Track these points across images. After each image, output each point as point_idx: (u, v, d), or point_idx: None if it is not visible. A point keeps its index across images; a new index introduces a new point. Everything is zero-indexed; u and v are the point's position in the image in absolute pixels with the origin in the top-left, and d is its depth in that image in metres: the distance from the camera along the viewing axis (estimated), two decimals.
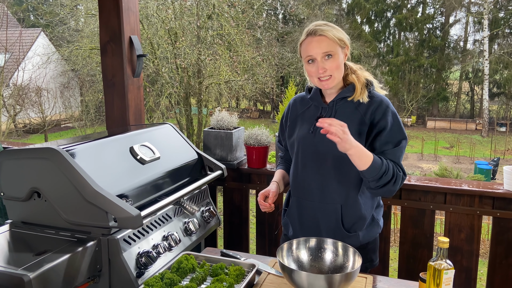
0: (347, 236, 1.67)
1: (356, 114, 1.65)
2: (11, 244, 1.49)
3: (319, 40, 1.60)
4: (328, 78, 1.62)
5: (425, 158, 16.07)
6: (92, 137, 1.77)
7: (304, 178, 1.73)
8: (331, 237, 1.62)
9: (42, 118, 14.71)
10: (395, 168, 1.59)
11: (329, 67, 1.60)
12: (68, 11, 12.19)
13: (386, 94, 1.72)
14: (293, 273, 1.34)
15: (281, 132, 1.94)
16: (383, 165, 1.55)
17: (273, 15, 18.57)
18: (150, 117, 11.61)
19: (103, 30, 2.34)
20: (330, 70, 1.61)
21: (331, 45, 1.59)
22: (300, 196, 1.75)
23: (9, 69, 15.46)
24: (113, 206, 1.39)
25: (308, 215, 1.73)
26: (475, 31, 24.45)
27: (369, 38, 23.84)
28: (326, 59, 1.60)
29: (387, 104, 1.66)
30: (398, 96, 23.88)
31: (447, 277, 1.27)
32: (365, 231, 1.71)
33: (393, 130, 1.63)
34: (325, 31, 1.60)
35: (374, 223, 1.74)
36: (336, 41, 1.60)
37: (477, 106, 24.84)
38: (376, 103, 1.65)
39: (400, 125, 1.66)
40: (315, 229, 1.72)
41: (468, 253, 2.18)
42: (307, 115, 1.76)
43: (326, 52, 1.59)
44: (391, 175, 1.56)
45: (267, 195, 1.73)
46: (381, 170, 1.54)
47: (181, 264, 1.47)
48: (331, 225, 1.68)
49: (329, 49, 1.59)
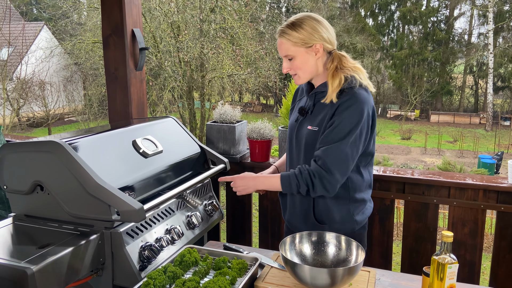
0: (318, 226, 1.72)
1: (332, 108, 1.61)
2: (14, 237, 1.50)
3: (279, 43, 1.67)
4: (294, 75, 1.69)
5: (429, 152, 16.03)
6: (94, 131, 1.77)
7: (290, 164, 1.82)
8: (304, 224, 1.73)
9: (45, 112, 14.74)
10: (311, 174, 1.58)
11: (292, 67, 1.67)
12: (71, 4, 12.17)
13: (374, 91, 1.71)
14: (296, 267, 1.33)
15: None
16: (292, 180, 1.61)
17: (276, 9, 18.46)
18: (153, 111, 11.61)
19: (106, 23, 2.33)
20: (293, 69, 1.67)
21: (289, 48, 1.64)
22: None
23: (12, 63, 15.47)
24: (116, 200, 1.39)
25: (291, 200, 1.81)
26: (480, 24, 24.25)
27: (373, 31, 23.70)
28: (289, 60, 1.67)
29: (353, 103, 1.58)
30: (402, 90, 23.80)
31: (451, 271, 1.26)
32: (337, 225, 1.70)
33: (337, 129, 1.58)
34: (283, 35, 1.64)
35: (348, 219, 1.71)
36: (297, 43, 1.62)
37: (481, 100, 24.70)
38: (343, 99, 1.59)
39: (349, 129, 1.56)
40: (294, 214, 1.79)
41: (472, 247, 2.17)
42: (299, 105, 1.83)
43: (285, 55, 1.66)
44: (306, 186, 1.59)
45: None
46: (293, 186, 1.61)
47: (184, 258, 1.47)
48: (306, 213, 1.74)
49: (287, 53, 1.65)
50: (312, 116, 1.69)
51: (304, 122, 1.72)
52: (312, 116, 1.70)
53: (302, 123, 1.73)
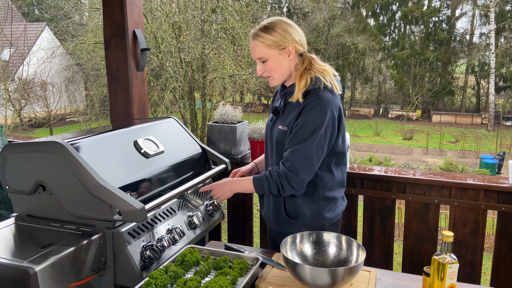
0: (289, 222, 1.77)
1: (297, 108, 1.68)
2: (17, 237, 1.50)
3: (253, 45, 1.70)
4: (268, 77, 1.73)
5: (430, 152, 16.00)
6: (96, 131, 1.78)
7: (265, 162, 1.90)
8: (278, 220, 1.79)
9: (47, 112, 14.77)
10: (280, 176, 1.65)
11: (266, 69, 1.71)
12: (73, 5, 12.19)
13: (339, 93, 1.72)
14: (297, 267, 1.34)
15: None
16: (263, 182, 1.69)
17: (277, 9, 18.46)
18: (154, 111, 11.62)
19: (107, 24, 2.33)
20: (267, 71, 1.71)
21: (263, 51, 1.68)
22: None
23: (14, 63, 15.51)
24: (118, 200, 1.39)
25: (266, 198, 1.87)
26: (482, 24, 24.24)
27: (374, 31, 23.68)
28: (262, 62, 1.70)
29: (317, 105, 1.62)
30: (404, 90, 23.78)
31: (451, 271, 1.26)
32: (307, 220, 1.77)
33: (301, 131, 1.64)
34: (257, 37, 1.68)
35: (318, 216, 1.77)
36: (271, 45, 1.67)
37: (483, 100, 24.67)
38: (309, 100, 1.64)
39: (311, 130, 1.61)
40: (268, 210, 1.86)
41: (473, 247, 2.17)
42: (275, 104, 1.89)
43: (259, 58, 1.70)
44: (276, 188, 1.67)
45: (237, 172, 1.96)
46: (264, 189, 1.70)
47: (185, 257, 1.48)
48: (279, 209, 1.79)
49: (261, 55, 1.68)
50: (284, 116, 1.76)
51: (276, 122, 1.79)
52: (283, 116, 1.76)
53: (275, 122, 1.80)
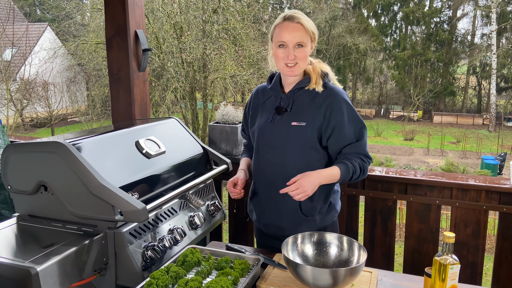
0: (305, 220, 1.75)
1: (312, 105, 1.71)
2: (18, 237, 1.50)
3: (295, 27, 1.65)
4: (294, 65, 1.68)
5: (431, 153, 15.99)
6: (98, 131, 1.78)
7: (264, 165, 1.80)
8: (290, 221, 1.75)
9: (49, 113, 14.79)
10: (359, 161, 1.68)
11: (298, 55, 1.67)
12: (74, 5, 12.21)
13: (341, 86, 1.78)
14: (298, 267, 1.34)
15: (245, 121, 2.02)
16: (350, 169, 1.65)
17: (279, 9, 18.46)
18: (155, 112, 11.63)
19: (109, 24, 2.34)
20: (298, 58, 1.67)
21: (304, 35, 1.66)
22: (261, 183, 1.83)
23: (16, 63, 15.54)
24: (119, 200, 1.40)
25: (269, 201, 1.81)
26: (483, 25, 24.20)
27: (376, 32, 23.67)
28: (297, 47, 1.66)
29: (342, 96, 1.71)
30: (405, 91, 23.75)
31: (453, 272, 1.26)
32: (323, 215, 1.78)
33: (351, 121, 1.69)
34: (302, 20, 1.65)
35: (331, 208, 1.80)
36: (310, 32, 1.67)
37: (484, 101, 24.63)
38: (331, 95, 1.70)
39: (356, 115, 1.72)
40: (276, 214, 1.80)
41: (474, 248, 2.17)
42: (267, 104, 1.83)
43: (298, 42, 1.65)
44: (359, 171, 1.68)
45: (236, 182, 1.84)
46: (349, 174, 1.66)
47: (186, 258, 1.48)
48: (291, 211, 1.76)
49: (302, 39, 1.66)
50: (293, 113, 1.73)
51: (283, 120, 1.74)
52: (293, 113, 1.73)
53: (281, 121, 1.74)
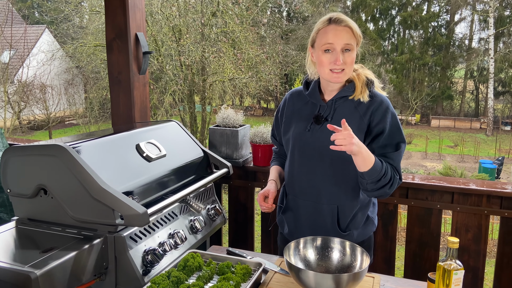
0: (342, 235, 1.66)
1: (356, 114, 1.61)
2: (18, 241, 1.49)
3: (344, 30, 1.54)
4: (340, 71, 1.56)
5: (429, 156, 16.02)
6: (98, 134, 1.77)
7: (301, 177, 1.70)
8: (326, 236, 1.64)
9: (46, 115, 14.76)
10: (393, 171, 1.58)
11: (345, 61, 1.55)
12: (73, 8, 12.21)
13: (387, 95, 1.67)
14: (301, 272, 1.33)
15: (276, 126, 1.89)
16: (383, 168, 1.53)
17: (277, 13, 18.51)
18: (154, 114, 11.62)
19: (109, 27, 2.33)
20: (345, 63, 1.55)
21: (353, 39, 1.55)
22: (296, 195, 1.73)
23: (14, 65, 15.50)
24: (120, 204, 1.38)
25: (303, 214, 1.71)
26: (481, 29, 24.29)
27: (374, 36, 23.74)
28: (345, 52, 1.55)
29: (387, 105, 1.62)
30: (403, 95, 23.79)
31: (457, 278, 1.25)
32: (360, 230, 1.70)
33: (392, 133, 1.60)
34: (350, 22, 1.55)
35: (369, 221, 1.73)
36: (358, 36, 1.57)
37: (481, 105, 24.70)
38: (376, 103, 1.61)
39: (399, 127, 1.62)
40: (310, 228, 1.70)
41: (475, 253, 2.16)
42: (304, 112, 1.71)
43: (347, 45, 1.54)
44: (389, 178, 1.55)
45: (267, 195, 1.72)
46: (381, 173, 1.52)
47: (187, 262, 1.46)
48: (327, 225, 1.67)
49: (350, 42, 1.54)
50: (334, 123, 1.59)
51: (323, 130, 1.61)
52: (334, 123, 1.59)
53: (320, 131, 1.63)
